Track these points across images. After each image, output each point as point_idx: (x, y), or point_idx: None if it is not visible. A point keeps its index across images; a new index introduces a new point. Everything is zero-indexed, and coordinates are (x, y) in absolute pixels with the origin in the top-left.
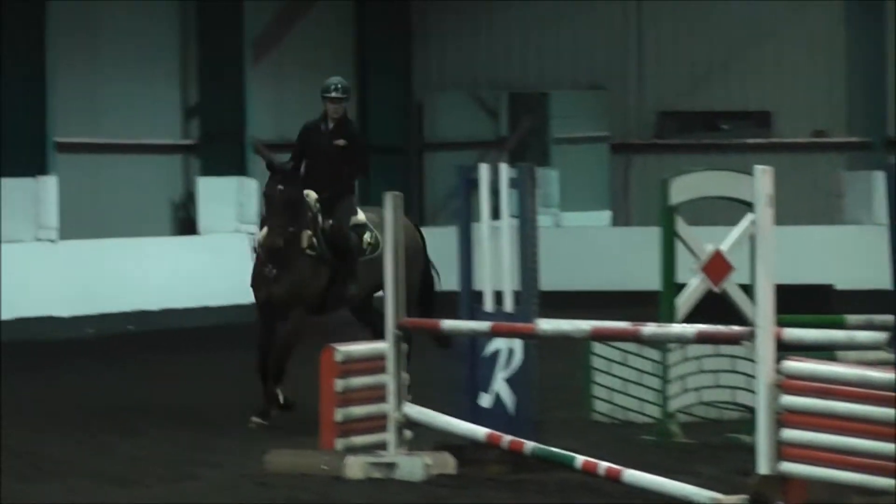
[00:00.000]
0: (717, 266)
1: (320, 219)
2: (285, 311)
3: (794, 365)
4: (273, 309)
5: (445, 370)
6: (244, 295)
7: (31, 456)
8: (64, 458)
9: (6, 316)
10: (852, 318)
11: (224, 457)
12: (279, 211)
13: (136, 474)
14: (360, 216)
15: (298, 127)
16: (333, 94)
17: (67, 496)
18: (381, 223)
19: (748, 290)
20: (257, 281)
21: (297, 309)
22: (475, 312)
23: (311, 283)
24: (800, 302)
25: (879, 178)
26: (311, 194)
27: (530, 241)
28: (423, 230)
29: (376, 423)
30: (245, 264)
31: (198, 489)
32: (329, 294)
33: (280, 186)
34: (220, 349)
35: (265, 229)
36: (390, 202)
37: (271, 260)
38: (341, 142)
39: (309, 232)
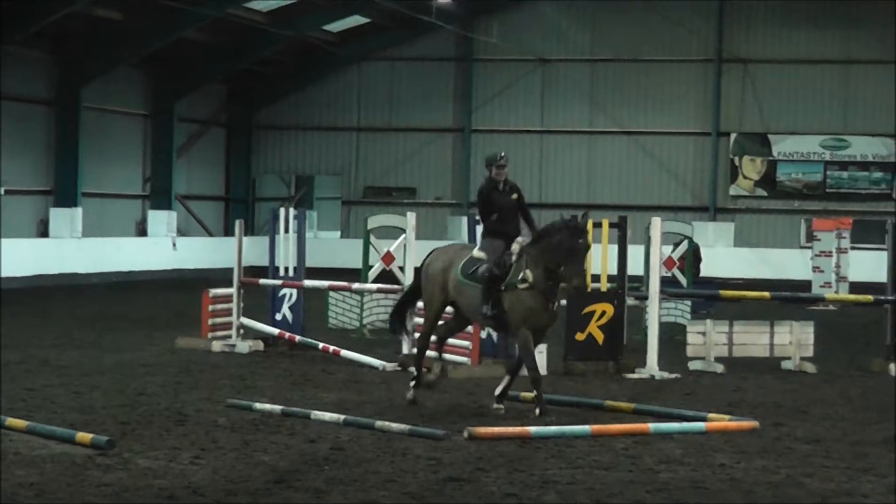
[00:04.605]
0: (387, 258)
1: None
2: (545, 333)
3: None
4: (539, 331)
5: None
6: None
7: None
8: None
9: None
10: None
11: None
12: (583, 259)
13: None
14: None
15: None
16: (501, 163)
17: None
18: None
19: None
20: (539, 311)
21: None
22: None
23: None
24: None
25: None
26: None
27: None
28: None
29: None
30: None
31: None
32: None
33: (581, 240)
34: None
35: (571, 271)
36: None
37: (552, 296)
38: (514, 196)
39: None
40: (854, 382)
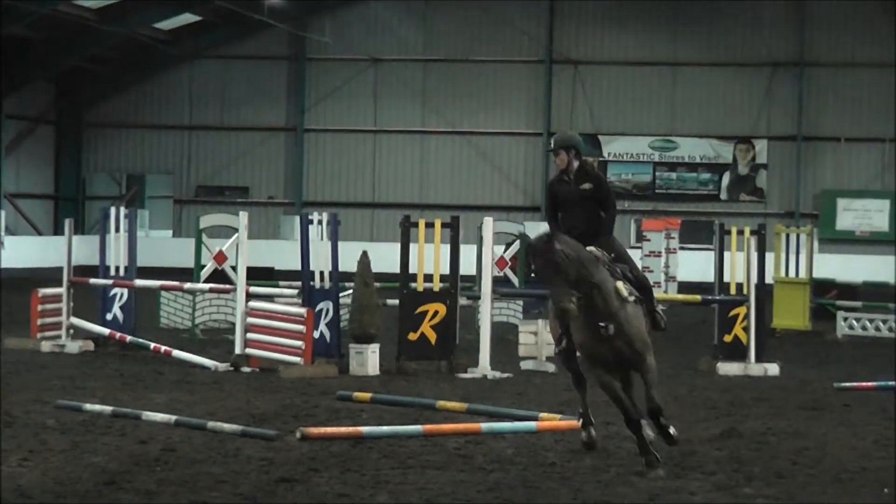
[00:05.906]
0: (219, 258)
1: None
2: (637, 362)
3: (253, 303)
4: (619, 363)
5: None
6: None
7: None
8: None
9: None
10: (283, 283)
11: None
12: (549, 278)
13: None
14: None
15: None
16: (552, 147)
17: None
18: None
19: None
20: (591, 342)
21: (650, 354)
22: None
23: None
24: (260, 274)
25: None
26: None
27: None
28: None
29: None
30: None
31: None
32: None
33: (538, 258)
34: None
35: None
36: None
37: (603, 318)
38: (587, 186)
39: (621, 281)
40: (682, 381)
